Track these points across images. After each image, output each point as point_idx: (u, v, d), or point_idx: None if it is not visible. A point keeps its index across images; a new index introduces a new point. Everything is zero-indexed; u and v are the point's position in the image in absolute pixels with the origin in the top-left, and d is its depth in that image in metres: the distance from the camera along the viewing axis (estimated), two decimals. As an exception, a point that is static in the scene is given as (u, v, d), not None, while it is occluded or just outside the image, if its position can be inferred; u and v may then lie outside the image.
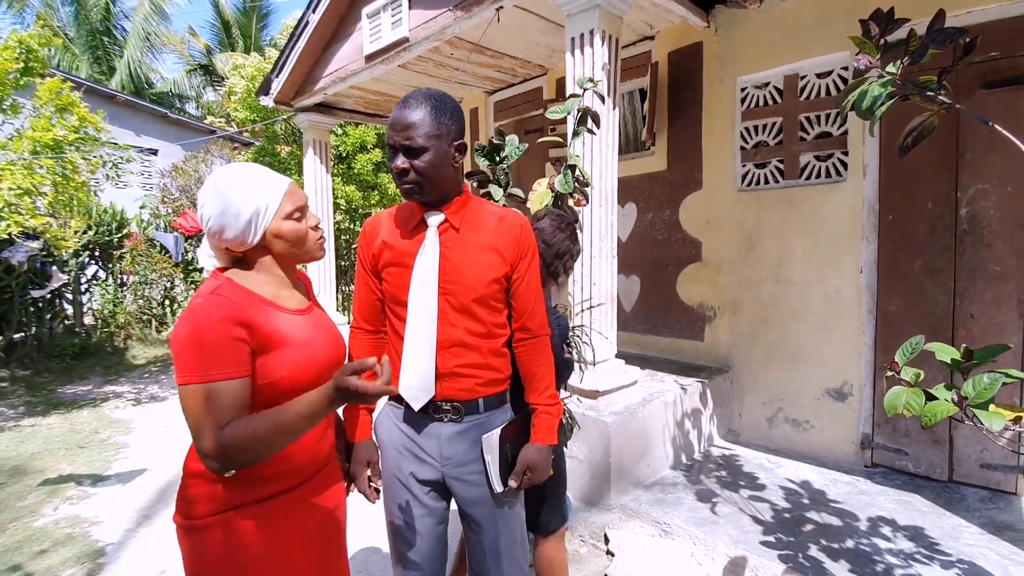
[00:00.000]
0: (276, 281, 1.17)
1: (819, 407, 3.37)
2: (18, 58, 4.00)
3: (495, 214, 1.41)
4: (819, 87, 3.34)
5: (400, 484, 1.40)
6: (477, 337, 1.35)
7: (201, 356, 1.00)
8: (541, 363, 1.45)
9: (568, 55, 2.96)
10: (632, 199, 4.19)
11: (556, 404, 1.47)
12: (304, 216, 1.18)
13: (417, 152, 1.26)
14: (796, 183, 3.42)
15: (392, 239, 1.38)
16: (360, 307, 1.47)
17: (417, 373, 1.32)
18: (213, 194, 1.10)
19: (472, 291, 1.33)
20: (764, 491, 2.96)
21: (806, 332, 3.39)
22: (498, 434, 1.37)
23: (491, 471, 1.36)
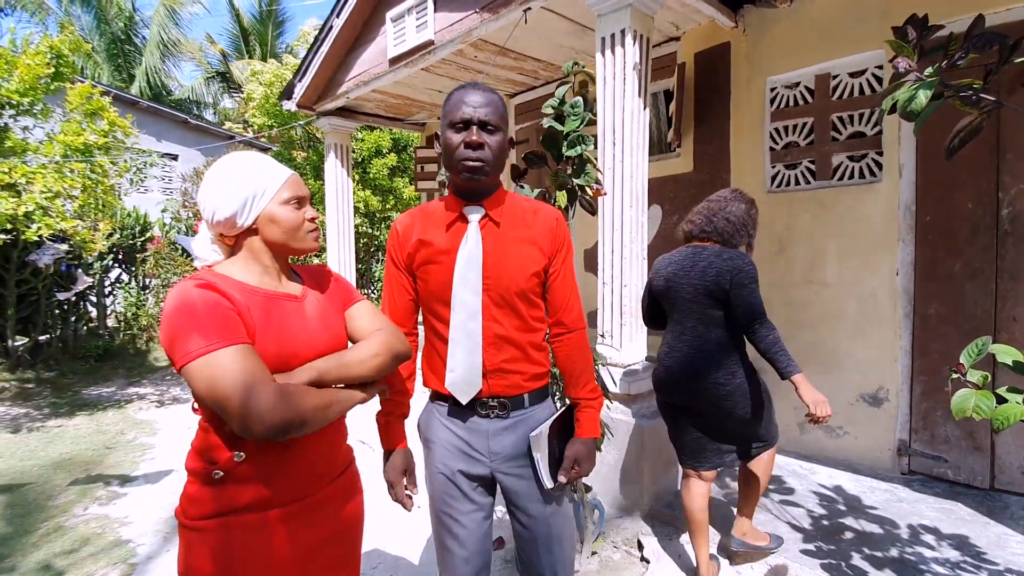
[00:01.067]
0: (263, 269, 1.14)
1: (853, 413, 3.30)
2: (49, 63, 4.07)
3: (530, 208, 1.41)
4: (852, 86, 3.28)
5: (448, 480, 1.39)
6: (519, 332, 1.35)
7: (200, 328, 0.95)
8: (580, 357, 1.45)
9: (598, 55, 2.93)
10: (657, 201, 4.14)
11: (598, 397, 1.46)
12: (302, 207, 1.16)
13: (492, 130, 1.28)
14: (828, 184, 3.36)
15: (428, 236, 1.37)
16: (393, 308, 1.45)
17: (463, 368, 1.32)
18: (215, 173, 1.11)
19: (514, 285, 1.33)
20: (799, 498, 2.89)
21: (840, 336, 3.32)
22: (546, 431, 1.36)
23: (540, 468, 1.36)
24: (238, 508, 1.05)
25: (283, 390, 0.98)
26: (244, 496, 1.06)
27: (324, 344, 1.15)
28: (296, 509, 1.11)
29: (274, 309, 1.10)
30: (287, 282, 1.20)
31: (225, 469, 1.04)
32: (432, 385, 1.44)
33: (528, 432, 1.37)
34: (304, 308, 1.17)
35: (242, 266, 1.13)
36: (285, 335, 1.09)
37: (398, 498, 1.42)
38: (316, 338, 1.14)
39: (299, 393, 1.01)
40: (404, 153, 11.58)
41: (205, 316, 0.97)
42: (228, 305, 1.01)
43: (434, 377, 1.42)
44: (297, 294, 1.18)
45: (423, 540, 2.65)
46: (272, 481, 1.08)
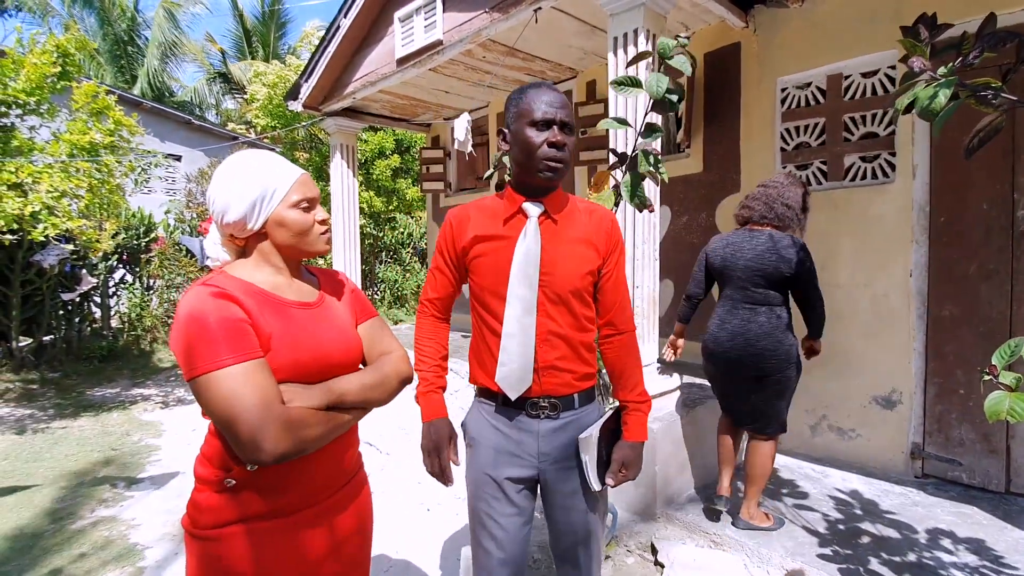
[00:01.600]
0: (275, 271, 1.11)
1: (866, 415, 3.27)
2: (55, 62, 4.06)
3: (586, 208, 1.43)
4: (864, 87, 3.26)
5: (492, 483, 1.39)
6: (572, 330, 1.36)
7: (212, 340, 0.92)
8: (630, 359, 1.46)
9: (610, 55, 2.91)
10: (666, 202, 4.12)
11: (647, 401, 1.46)
12: (312, 209, 1.12)
13: (570, 131, 1.31)
14: (840, 184, 3.34)
15: (485, 230, 1.38)
16: (435, 294, 1.50)
17: (516, 363, 1.33)
18: (223, 173, 1.08)
19: (569, 283, 1.33)
20: (813, 501, 2.86)
21: (852, 337, 3.29)
22: (596, 434, 1.36)
23: (588, 470, 1.36)
24: (249, 517, 1.03)
25: (290, 419, 0.95)
26: (255, 505, 1.03)
27: (340, 354, 1.12)
28: (308, 516, 1.09)
29: (289, 315, 1.07)
30: (302, 285, 1.17)
31: (239, 478, 1.02)
32: (480, 381, 1.44)
33: (577, 434, 1.37)
34: (319, 315, 1.14)
35: (255, 268, 1.11)
36: (300, 343, 1.06)
37: (441, 466, 1.41)
38: (331, 347, 1.11)
39: (306, 423, 0.98)
40: (407, 154, 11.57)
41: (217, 328, 0.94)
42: (242, 316, 0.98)
43: (483, 373, 1.42)
44: (312, 300, 1.15)
45: (433, 544, 2.63)
46: (285, 489, 1.06)
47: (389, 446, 3.80)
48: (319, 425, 1.00)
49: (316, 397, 1.02)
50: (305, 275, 1.22)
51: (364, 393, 1.11)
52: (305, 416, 0.98)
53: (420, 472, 3.35)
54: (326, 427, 1.02)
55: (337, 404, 1.06)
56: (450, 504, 3.00)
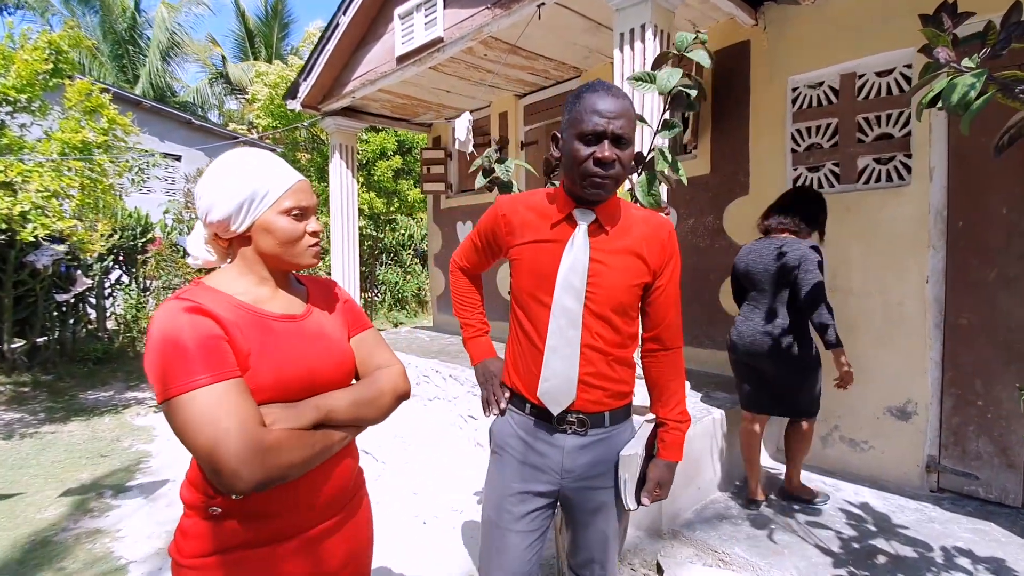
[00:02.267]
0: (259, 281, 1.04)
1: (879, 426, 3.15)
2: (47, 59, 3.96)
3: (640, 217, 1.33)
4: (879, 86, 3.15)
5: (512, 496, 1.34)
6: (611, 346, 1.29)
7: (182, 360, 0.85)
8: (673, 376, 1.37)
9: (616, 51, 2.81)
10: (672, 204, 4.01)
11: (687, 420, 1.38)
12: (304, 218, 1.04)
13: (625, 144, 1.20)
14: (854, 187, 3.22)
15: (532, 230, 1.32)
16: (467, 264, 1.54)
17: (560, 378, 1.27)
18: (216, 168, 1.01)
19: (614, 298, 1.27)
20: (825, 517, 2.74)
21: (865, 346, 3.17)
22: (641, 452, 1.28)
23: (625, 489, 1.30)
24: (237, 546, 0.95)
25: (270, 443, 0.86)
26: (244, 533, 0.95)
27: (329, 369, 1.04)
28: (304, 542, 1.01)
29: (272, 330, 0.99)
30: (288, 297, 1.08)
31: (223, 505, 0.94)
32: (516, 385, 1.37)
33: (606, 454, 1.32)
34: (306, 329, 1.06)
35: (237, 276, 1.03)
36: (284, 360, 0.97)
37: (494, 397, 1.42)
38: (319, 362, 1.03)
39: (289, 445, 0.89)
40: (409, 155, 11.48)
41: (190, 345, 0.86)
42: (218, 332, 0.90)
43: (519, 380, 1.35)
44: (298, 312, 1.07)
45: (429, 559, 2.51)
46: (275, 515, 0.97)
47: (385, 455, 3.69)
48: (304, 447, 0.91)
49: (301, 416, 0.93)
50: (294, 285, 1.14)
51: (355, 410, 1.02)
52: (288, 438, 0.89)
53: (416, 482, 3.25)
54: (312, 449, 0.93)
55: (325, 423, 0.96)
56: (447, 517, 2.89)
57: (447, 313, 6.32)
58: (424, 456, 3.59)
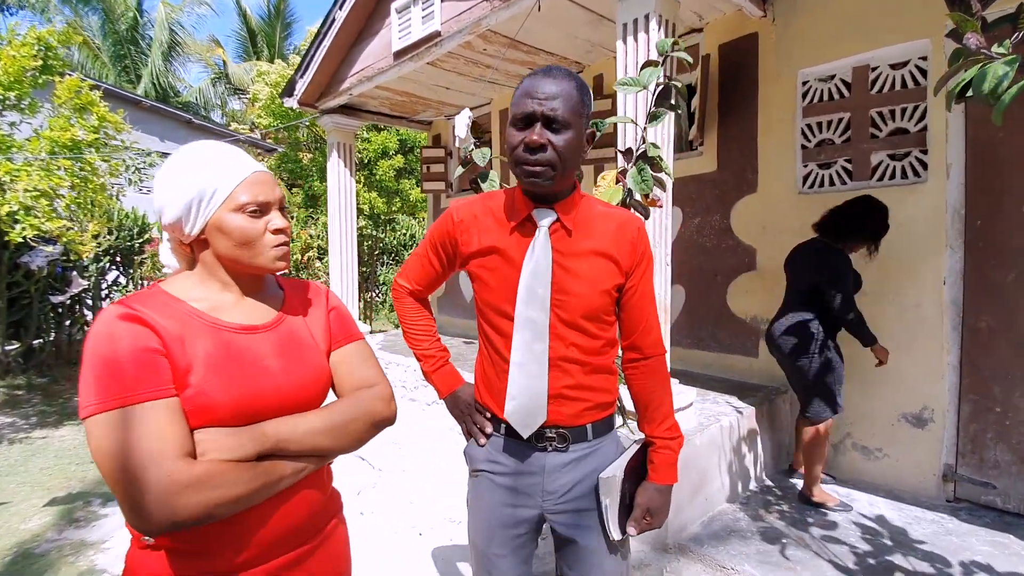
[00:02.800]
0: (222, 287, 0.93)
1: (894, 434, 3.02)
2: (36, 55, 3.87)
3: (607, 214, 1.21)
4: (893, 79, 3.02)
5: (494, 520, 1.24)
6: (586, 354, 1.17)
7: (105, 376, 0.76)
8: (656, 388, 1.23)
9: (619, 43, 2.69)
10: (677, 203, 3.89)
11: (678, 437, 1.23)
12: (264, 214, 0.92)
13: (560, 127, 1.06)
14: (867, 184, 3.10)
15: (490, 236, 1.19)
16: (416, 284, 1.38)
17: (527, 395, 1.15)
18: (166, 166, 0.92)
19: (585, 303, 1.15)
20: (838, 529, 2.62)
21: (879, 350, 3.04)
22: (620, 475, 1.15)
23: (608, 517, 1.17)
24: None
25: (186, 478, 0.74)
26: (182, 568, 0.83)
27: (295, 388, 0.92)
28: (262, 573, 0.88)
29: (225, 342, 0.88)
30: (255, 305, 0.96)
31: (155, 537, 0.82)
32: (486, 403, 1.27)
33: (591, 470, 1.20)
34: (271, 340, 0.93)
35: (197, 283, 0.93)
36: (237, 376, 0.85)
37: (471, 432, 1.30)
38: (283, 380, 0.90)
39: (214, 481, 0.76)
40: (411, 154, 11.39)
41: (115, 359, 0.76)
42: (151, 345, 0.79)
43: (489, 396, 1.24)
44: (264, 322, 0.95)
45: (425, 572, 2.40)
46: (212, 554, 0.84)
47: (382, 462, 3.58)
48: (238, 483, 0.78)
49: (240, 446, 0.80)
50: (270, 290, 1.02)
51: (314, 439, 0.88)
52: (218, 472, 0.76)
53: (413, 491, 3.14)
54: (250, 485, 0.80)
55: (274, 453, 0.84)
56: (443, 528, 2.78)
57: (448, 314, 6.21)
58: (421, 462, 3.48)
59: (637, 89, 1.59)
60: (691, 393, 2.80)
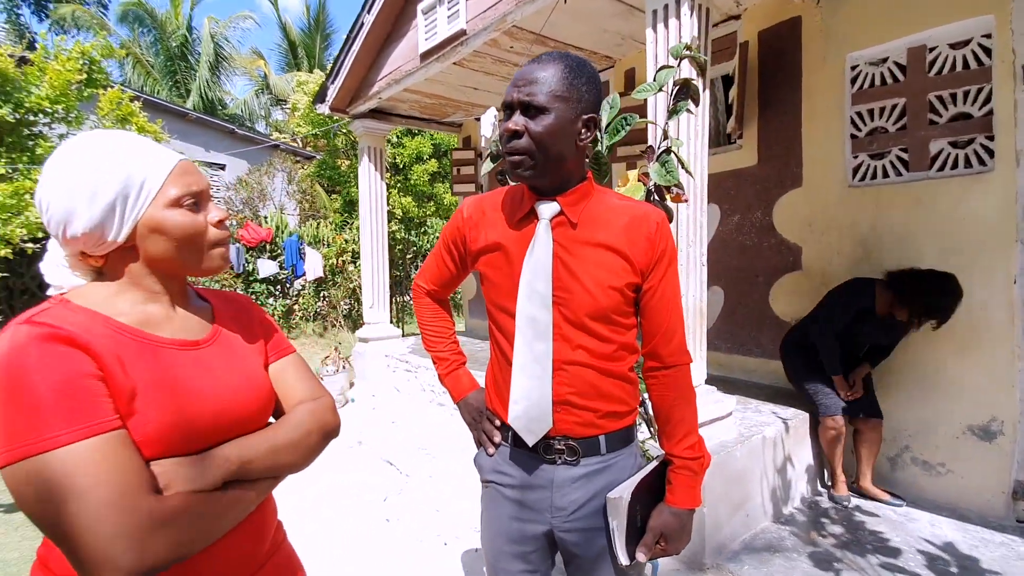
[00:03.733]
0: (147, 297, 0.80)
1: (958, 447, 2.76)
2: (81, 69, 4.03)
3: (623, 207, 1.10)
4: (953, 59, 2.77)
5: (503, 536, 1.17)
6: (597, 359, 1.07)
7: (33, 409, 0.62)
8: (678, 401, 1.12)
9: (648, 31, 2.55)
10: (714, 200, 3.69)
11: (701, 457, 1.11)
12: (201, 207, 0.81)
13: (536, 112, 1.00)
14: (925, 175, 2.84)
15: (494, 230, 1.13)
16: (432, 284, 1.34)
17: (529, 401, 1.07)
18: (57, 164, 0.74)
19: (588, 303, 1.05)
20: (897, 554, 2.39)
21: (941, 356, 2.79)
22: (628, 496, 1.04)
23: (615, 539, 1.07)
24: None
25: (157, 515, 0.64)
26: None
27: (240, 407, 0.81)
28: None
29: (164, 361, 0.76)
30: (187, 317, 0.85)
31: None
32: (495, 408, 1.19)
33: (603, 486, 1.10)
34: (211, 356, 0.83)
35: (116, 292, 0.78)
36: (182, 399, 0.74)
37: (480, 440, 1.24)
38: (229, 400, 0.80)
39: (186, 516, 0.67)
40: (444, 159, 11.45)
41: (46, 388, 0.62)
42: (88, 369, 0.66)
43: (498, 401, 1.16)
44: (201, 337, 0.84)
45: (446, 588, 2.32)
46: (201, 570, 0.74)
47: (409, 467, 3.53)
48: (211, 516, 0.70)
49: (206, 473, 0.71)
50: (194, 301, 0.89)
51: (276, 456, 0.80)
52: (188, 506, 0.67)
53: (440, 499, 3.07)
54: (221, 518, 0.71)
55: (239, 477, 0.75)
56: (469, 538, 2.69)
57: (479, 317, 6.15)
58: (449, 468, 3.41)
59: (655, 92, 1.54)
60: (731, 402, 2.62)
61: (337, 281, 9.19)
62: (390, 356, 5.23)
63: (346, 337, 8.53)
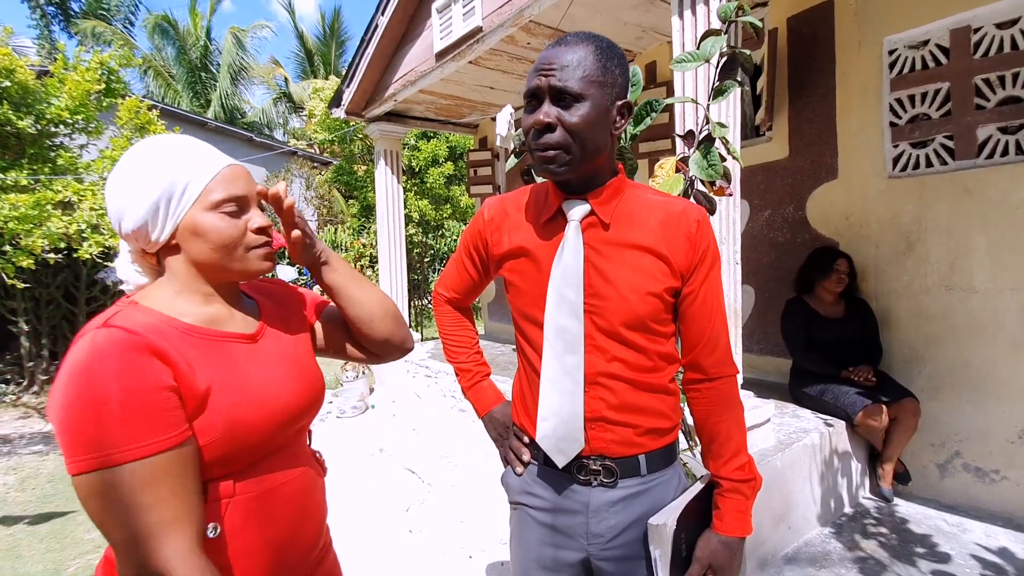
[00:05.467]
0: (204, 299, 0.82)
1: (1014, 453, 2.58)
2: (100, 79, 4.05)
3: (660, 205, 1.00)
4: (1000, 40, 2.60)
5: (529, 560, 1.07)
6: (635, 371, 0.97)
7: (108, 425, 0.65)
8: (724, 417, 1.00)
9: (674, 18, 2.44)
10: (743, 195, 3.54)
11: (752, 479, 1.00)
12: (243, 212, 0.83)
13: (571, 101, 0.88)
14: (973, 164, 2.67)
15: (519, 233, 1.04)
16: (453, 293, 1.26)
17: (559, 418, 0.98)
18: (120, 166, 0.79)
19: (624, 310, 0.95)
20: (955, 567, 2.24)
21: (994, 355, 2.61)
22: (673, 523, 0.93)
23: (659, 571, 0.96)
24: None
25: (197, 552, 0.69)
26: None
27: (295, 397, 0.85)
28: None
29: (230, 356, 0.80)
30: (237, 313, 0.87)
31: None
32: (523, 424, 1.10)
33: (645, 510, 0.99)
34: (262, 351, 0.86)
35: (175, 293, 0.81)
36: (241, 395, 0.78)
37: (508, 458, 1.14)
38: (290, 390, 0.85)
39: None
40: (460, 161, 11.42)
41: (120, 398, 0.65)
42: (163, 379, 0.69)
43: (526, 418, 1.07)
44: (251, 331, 0.86)
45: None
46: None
47: (432, 476, 3.45)
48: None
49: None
50: (243, 299, 0.92)
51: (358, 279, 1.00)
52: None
53: (463, 509, 2.98)
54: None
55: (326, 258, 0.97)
56: (494, 550, 2.60)
57: (499, 320, 6.06)
58: (472, 478, 3.32)
59: (698, 64, 1.37)
60: (769, 407, 2.48)
61: (356, 285, 9.19)
62: (410, 361, 5.16)
63: (365, 342, 8.52)
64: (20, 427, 4.95)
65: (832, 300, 2.98)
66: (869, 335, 2.95)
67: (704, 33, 1.34)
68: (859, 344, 2.94)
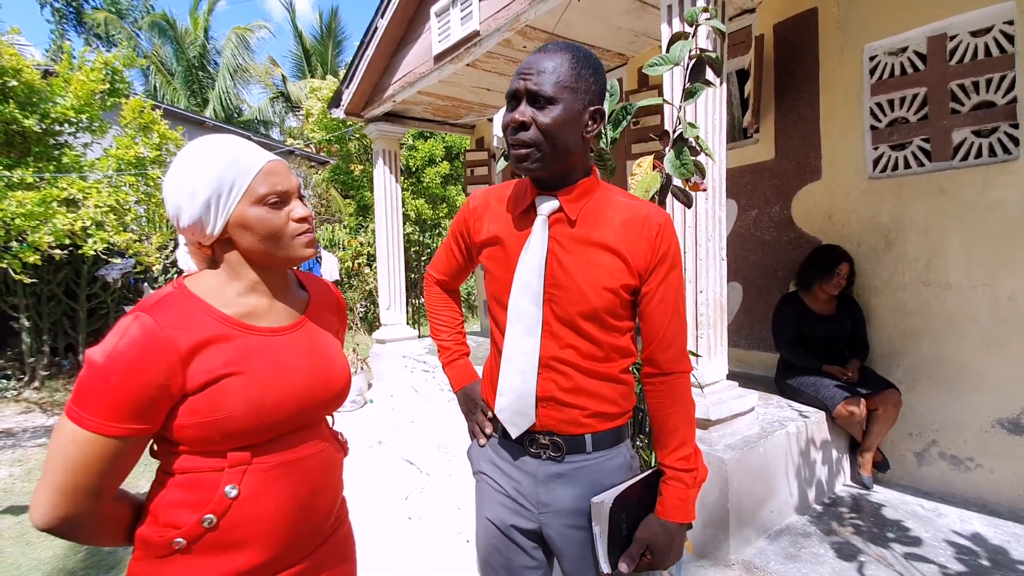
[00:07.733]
0: (249, 288, 0.92)
1: (988, 441, 2.70)
2: (104, 79, 4.13)
3: (627, 207, 1.08)
4: (975, 47, 2.72)
5: (496, 530, 1.15)
6: (586, 359, 1.07)
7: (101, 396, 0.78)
8: (674, 411, 1.09)
9: (664, 25, 2.55)
10: (731, 195, 3.67)
11: (695, 469, 1.08)
12: (284, 204, 0.91)
13: (544, 103, 0.98)
14: (949, 165, 2.80)
15: (496, 223, 1.14)
16: (441, 268, 1.36)
17: (514, 394, 1.09)
18: (176, 166, 0.89)
19: (580, 301, 1.04)
20: (925, 547, 2.35)
21: (968, 348, 2.74)
22: (611, 501, 1.02)
23: (598, 546, 1.05)
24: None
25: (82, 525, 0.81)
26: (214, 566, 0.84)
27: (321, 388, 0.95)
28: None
29: (254, 349, 0.89)
30: (279, 305, 0.97)
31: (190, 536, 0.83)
32: (488, 399, 1.21)
33: (589, 486, 1.08)
34: (298, 340, 0.95)
35: (224, 282, 0.91)
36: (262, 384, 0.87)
37: (473, 430, 1.26)
38: (312, 381, 0.94)
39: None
40: (457, 161, 11.50)
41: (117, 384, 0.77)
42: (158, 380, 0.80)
43: (490, 391, 1.18)
44: (291, 322, 0.97)
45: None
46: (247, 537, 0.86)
47: (429, 466, 3.55)
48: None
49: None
50: (295, 289, 1.02)
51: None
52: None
53: (461, 497, 3.08)
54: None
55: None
56: (491, 536, 2.70)
57: (495, 318, 6.15)
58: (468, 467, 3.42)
59: (668, 67, 1.47)
60: (752, 397, 2.60)
61: (353, 284, 9.27)
62: (407, 357, 5.26)
63: (363, 339, 8.60)
64: (23, 421, 5.01)
65: (826, 299, 3.08)
66: (857, 333, 3.07)
67: (672, 37, 1.45)
68: (847, 341, 3.07)
